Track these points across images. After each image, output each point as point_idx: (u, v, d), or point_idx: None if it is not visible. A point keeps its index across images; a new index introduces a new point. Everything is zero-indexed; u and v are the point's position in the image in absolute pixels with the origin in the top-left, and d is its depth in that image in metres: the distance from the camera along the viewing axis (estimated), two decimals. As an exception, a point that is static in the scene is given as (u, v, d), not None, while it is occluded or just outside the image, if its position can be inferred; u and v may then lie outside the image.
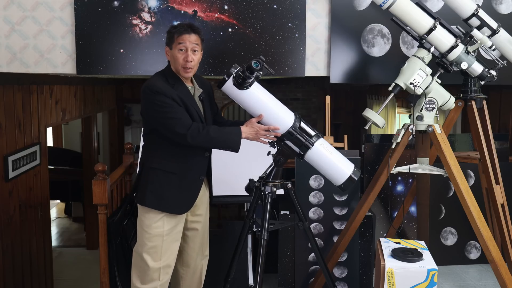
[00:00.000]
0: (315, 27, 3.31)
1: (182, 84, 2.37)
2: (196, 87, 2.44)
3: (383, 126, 2.65)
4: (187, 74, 2.35)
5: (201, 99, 2.43)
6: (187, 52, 2.31)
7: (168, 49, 2.39)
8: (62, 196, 7.97)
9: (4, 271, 3.94)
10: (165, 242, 2.40)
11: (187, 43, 2.31)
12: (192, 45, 2.32)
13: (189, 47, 2.32)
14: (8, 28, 3.11)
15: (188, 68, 2.33)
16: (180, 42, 2.31)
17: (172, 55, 2.36)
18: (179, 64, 2.33)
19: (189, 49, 2.32)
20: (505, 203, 2.99)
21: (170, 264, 2.46)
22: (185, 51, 2.32)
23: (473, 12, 2.86)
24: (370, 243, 3.23)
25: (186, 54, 2.31)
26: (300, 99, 9.62)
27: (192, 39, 2.32)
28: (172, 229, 2.41)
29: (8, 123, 4.00)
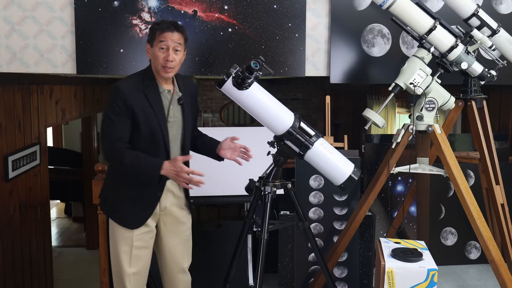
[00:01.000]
0: (315, 27, 3.31)
1: (156, 88, 2.27)
2: (176, 90, 2.33)
3: (383, 126, 2.65)
4: (166, 75, 2.25)
5: (181, 103, 2.33)
6: (168, 51, 2.21)
7: (149, 47, 2.27)
8: (62, 196, 7.97)
9: (4, 271, 3.94)
10: (134, 249, 2.31)
11: (169, 41, 2.20)
12: (174, 44, 2.22)
13: (170, 45, 2.21)
14: (8, 28, 3.11)
15: (168, 68, 2.22)
16: (162, 40, 2.20)
17: (152, 53, 2.24)
18: (159, 64, 2.22)
19: (170, 48, 2.21)
20: (505, 203, 2.99)
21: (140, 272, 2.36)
22: (166, 49, 2.21)
23: (473, 12, 2.86)
24: (370, 243, 3.23)
25: (167, 53, 2.21)
26: (300, 99, 9.62)
27: (175, 38, 2.22)
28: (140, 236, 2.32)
29: (8, 123, 4.00)
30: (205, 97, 9.66)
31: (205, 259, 3.21)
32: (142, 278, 2.40)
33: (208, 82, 9.29)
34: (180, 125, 2.35)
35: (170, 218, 2.42)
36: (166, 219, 2.41)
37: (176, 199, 2.42)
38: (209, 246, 3.21)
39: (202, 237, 3.23)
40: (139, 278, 2.37)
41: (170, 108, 2.30)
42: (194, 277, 2.60)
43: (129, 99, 2.20)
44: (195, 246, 2.63)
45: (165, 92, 2.30)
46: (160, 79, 2.29)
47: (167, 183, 2.35)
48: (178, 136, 2.35)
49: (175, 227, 2.44)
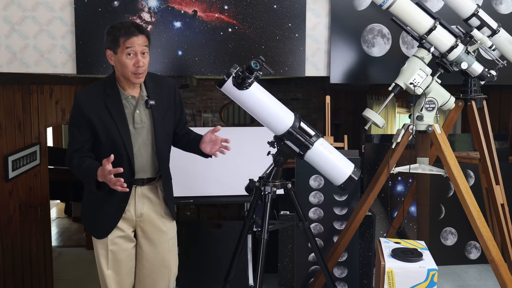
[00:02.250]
0: (315, 27, 3.31)
1: (118, 95, 2.19)
2: (143, 94, 2.24)
3: (383, 126, 2.65)
4: (138, 80, 2.17)
5: (149, 106, 2.23)
6: (137, 56, 2.12)
7: (111, 53, 2.15)
8: (62, 196, 7.96)
9: (4, 271, 3.94)
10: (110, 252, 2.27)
11: (136, 46, 2.11)
12: (141, 48, 2.13)
13: (138, 50, 2.12)
14: (8, 28, 3.11)
15: (139, 74, 2.14)
16: (128, 46, 2.10)
17: (118, 61, 2.13)
18: (129, 71, 2.13)
19: (138, 52, 2.12)
20: (505, 203, 2.99)
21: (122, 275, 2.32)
22: (134, 55, 2.12)
23: (473, 12, 2.86)
24: (370, 243, 3.23)
25: (137, 59, 2.12)
26: (300, 99, 9.63)
27: (141, 41, 2.12)
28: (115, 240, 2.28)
29: (8, 123, 4.00)
30: (205, 97, 9.66)
31: (205, 259, 3.21)
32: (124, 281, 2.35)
33: (208, 82, 9.28)
34: (150, 130, 2.25)
35: (149, 225, 2.34)
36: (144, 226, 2.34)
37: (154, 205, 2.34)
38: (209, 246, 3.21)
39: (202, 237, 3.23)
40: (121, 281, 2.33)
41: (136, 113, 2.22)
42: (195, 277, 2.60)
43: (86, 110, 2.16)
44: (195, 246, 2.62)
45: (129, 98, 2.22)
46: (125, 85, 2.22)
47: (142, 190, 2.30)
48: (149, 141, 2.26)
49: (154, 235, 2.35)
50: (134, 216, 2.31)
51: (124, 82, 2.21)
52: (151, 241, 2.36)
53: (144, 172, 2.28)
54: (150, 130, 2.25)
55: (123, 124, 2.19)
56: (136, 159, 2.24)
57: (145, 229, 2.34)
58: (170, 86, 2.35)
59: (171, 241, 2.40)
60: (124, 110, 2.20)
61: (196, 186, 3.08)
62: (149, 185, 2.32)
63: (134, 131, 2.22)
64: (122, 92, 2.22)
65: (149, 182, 2.32)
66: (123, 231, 2.30)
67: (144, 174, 2.29)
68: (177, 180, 2.83)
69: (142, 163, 2.26)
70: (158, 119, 2.25)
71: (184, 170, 2.95)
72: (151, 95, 2.26)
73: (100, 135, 2.19)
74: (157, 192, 2.35)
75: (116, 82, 2.22)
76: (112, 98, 2.19)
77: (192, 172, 3.03)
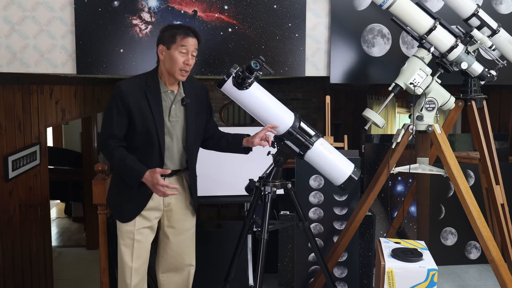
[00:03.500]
0: (315, 27, 3.31)
1: (158, 88, 2.34)
2: (180, 91, 2.40)
3: (383, 126, 2.65)
4: (183, 78, 2.33)
5: (184, 104, 2.38)
6: (188, 55, 2.29)
7: (164, 48, 2.32)
8: (62, 196, 7.97)
9: (4, 271, 3.94)
10: (136, 242, 2.38)
11: (189, 46, 2.29)
12: (192, 49, 2.31)
13: (190, 50, 2.30)
14: (8, 28, 3.11)
15: (185, 72, 2.31)
16: (184, 44, 2.28)
17: (170, 56, 2.30)
18: (178, 66, 2.29)
19: (190, 52, 2.30)
20: (505, 203, 2.99)
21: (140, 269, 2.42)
22: (186, 54, 2.29)
23: (473, 12, 2.86)
24: (370, 243, 3.23)
25: (188, 57, 2.29)
26: (300, 99, 9.62)
27: (194, 43, 2.31)
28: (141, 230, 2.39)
29: (8, 123, 4.00)
30: (205, 97, 9.64)
31: (205, 259, 3.21)
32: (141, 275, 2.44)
33: (208, 82, 9.27)
34: (182, 125, 2.39)
35: (174, 214, 2.46)
36: (170, 215, 2.46)
37: (181, 195, 2.46)
38: (209, 246, 3.21)
39: (202, 237, 3.23)
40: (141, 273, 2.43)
41: (172, 107, 2.35)
42: (194, 277, 2.60)
43: (127, 98, 2.28)
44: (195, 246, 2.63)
45: (168, 92, 2.36)
46: (166, 80, 2.36)
47: (171, 180, 2.40)
48: (180, 136, 2.39)
49: (178, 224, 2.48)
50: (162, 206, 2.42)
51: (166, 77, 2.35)
52: (176, 229, 2.48)
53: (173, 163, 2.40)
54: (183, 126, 2.39)
55: (159, 115, 2.32)
56: (167, 150, 2.36)
57: (171, 218, 2.46)
58: (204, 90, 2.52)
59: (191, 231, 2.55)
60: (162, 102, 2.34)
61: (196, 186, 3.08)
62: (176, 176, 2.44)
63: (169, 124, 2.35)
64: (163, 85, 2.36)
65: (175, 173, 2.43)
66: (149, 221, 2.40)
67: (172, 165, 2.39)
68: (177, 180, 2.82)
69: (172, 155, 2.38)
70: (191, 116, 2.39)
71: (184, 170, 2.94)
72: (187, 94, 2.40)
73: (136, 123, 2.30)
74: (183, 182, 2.47)
75: (158, 76, 2.36)
76: (152, 90, 2.33)
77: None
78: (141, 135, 2.32)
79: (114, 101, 2.30)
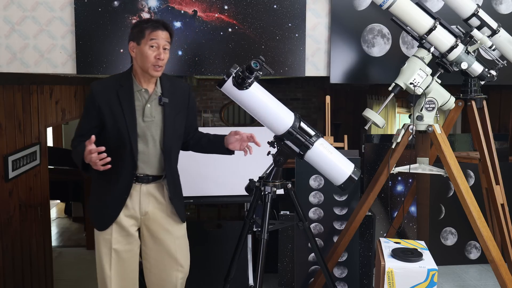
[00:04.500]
0: (315, 27, 3.31)
1: (131, 87, 2.25)
2: (157, 90, 2.30)
3: (383, 126, 2.65)
4: (157, 73, 2.24)
5: (162, 104, 2.28)
6: (159, 49, 2.21)
7: (134, 45, 2.24)
8: (62, 196, 7.96)
9: (4, 271, 3.94)
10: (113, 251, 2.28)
11: (160, 40, 2.21)
12: (164, 43, 2.22)
13: (161, 44, 2.21)
14: (8, 28, 3.11)
15: (159, 67, 2.23)
16: (153, 38, 2.20)
17: (140, 52, 2.22)
18: (149, 62, 2.21)
19: (161, 46, 2.21)
20: (505, 203, 2.99)
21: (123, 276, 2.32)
22: (156, 48, 2.21)
23: (473, 12, 2.86)
24: (370, 243, 3.23)
25: (158, 52, 2.21)
26: (300, 99, 9.63)
27: (165, 36, 2.23)
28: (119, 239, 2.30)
29: (8, 123, 4.00)
30: (205, 97, 9.66)
31: (205, 259, 3.21)
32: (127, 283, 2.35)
33: (208, 82, 9.29)
34: (159, 126, 2.29)
35: (154, 224, 2.35)
36: (150, 225, 2.35)
37: (160, 204, 2.35)
38: (209, 246, 3.22)
39: (202, 237, 3.23)
40: (122, 282, 2.33)
41: (146, 107, 2.27)
42: (194, 277, 2.60)
43: (97, 98, 2.24)
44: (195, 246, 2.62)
45: (142, 91, 2.27)
46: (141, 78, 2.28)
47: (148, 188, 2.31)
48: (157, 137, 2.29)
49: (160, 234, 2.36)
50: (139, 214, 2.32)
51: (140, 75, 2.27)
52: (157, 240, 2.36)
53: (150, 167, 2.30)
54: (160, 126, 2.29)
55: (131, 115, 2.24)
56: (142, 152, 2.27)
57: (150, 228, 2.35)
58: (185, 90, 2.41)
59: (177, 241, 2.40)
60: (134, 101, 2.26)
61: (196, 186, 3.08)
62: (155, 183, 2.34)
63: (143, 124, 2.26)
64: (136, 84, 2.28)
65: (155, 180, 2.33)
66: (126, 229, 2.31)
67: (149, 170, 2.30)
68: (177, 180, 2.82)
69: (148, 158, 2.29)
70: (169, 117, 2.30)
71: (184, 170, 2.94)
72: (165, 93, 2.31)
73: (107, 123, 2.24)
74: (163, 191, 2.36)
75: (131, 75, 2.29)
76: (125, 89, 2.26)
77: (192, 172, 3.03)
78: (113, 137, 2.23)
79: (86, 102, 2.28)
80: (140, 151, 2.26)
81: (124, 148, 2.23)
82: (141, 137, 2.26)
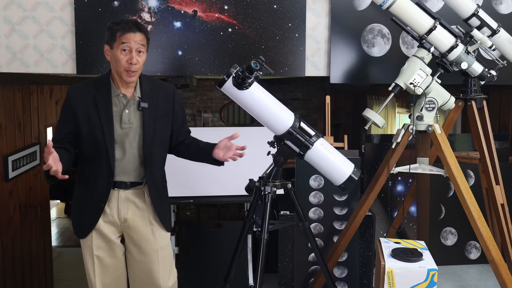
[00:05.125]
0: (315, 27, 3.31)
1: (109, 92, 2.15)
2: (136, 95, 2.19)
3: (383, 126, 2.65)
4: (130, 79, 2.12)
5: (141, 109, 2.17)
6: (132, 53, 2.09)
7: (107, 48, 2.14)
8: (62, 196, 7.96)
9: (4, 271, 3.94)
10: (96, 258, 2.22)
11: (131, 43, 2.08)
12: (137, 45, 2.10)
13: (133, 47, 2.09)
14: (8, 28, 3.11)
15: (131, 72, 2.10)
16: (124, 41, 2.07)
17: (113, 56, 2.11)
18: (121, 67, 2.09)
19: (133, 49, 2.09)
20: (505, 203, 2.99)
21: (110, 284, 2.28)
22: (128, 51, 2.09)
23: (473, 12, 2.86)
24: (370, 243, 3.23)
25: (130, 56, 2.08)
26: (300, 99, 9.63)
27: (137, 39, 2.09)
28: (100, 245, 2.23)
29: (8, 123, 4.00)
30: (205, 97, 9.66)
31: (205, 259, 3.21)
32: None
33: (208, 82, 9.28)
34: (138, 132, 2.19)
35: (134, 232, 2.26)
36: (130, 232, 2.27)
37: (140, 211, 2.26)
38: (209, 246, 3.21)
39: (202, 237, 3.23)
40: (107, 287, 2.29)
41: (124, 112, 2.17)
42: (194, 277, 2.60)
43: (73, 102, 2.15)
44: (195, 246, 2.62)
45: (119, 96, 2.18)
46: (119, 83, 2.18)
47: (126, 194, 2.23)
48: (135, 144, 2.20)
49: (143, 243, 2.27)
50: (118, 221, 2.24)
51: (118, 80, 2.17)
52: (140, 248, 2.28)
53: (127, 175, 2.21)
54: (139, 133, 2.19)
55: (108, 122, 2.14)
56: (120, 160, 2.18)
57: (131, 235, 2.27)
58: (169, 92, 2.29)
59: (160, 252, 2.28)
60: (112, 107, 2.16)
61: (196, 186, 3.08)
62: (134, 189, 2.25)
63: (121, 131, 2.17)
64: (114, 89, 2.18)
65: (134, 186, 2.24)
66: (106, 235, 2.24)
67: (127, 178, 2.21)
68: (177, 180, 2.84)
69: (125, 165, 2.19)
70: (148, 122, 2.19)
71: (184, 170, 2.94)
72: (145, 97, 2.20)
73: (82, 130, 2.15)
74: (143, 197, 2.26)
75: (110, 79, 2.19)
76: (102, 95, 2.15)
77: (192, 172, 3.03)
78: (89, 143, 2.15)
79: (63, 107, 2.19)
80: (117, 158, 2.17)
81: (101, 155, 2.14)
82: (119, 144, 2.16)
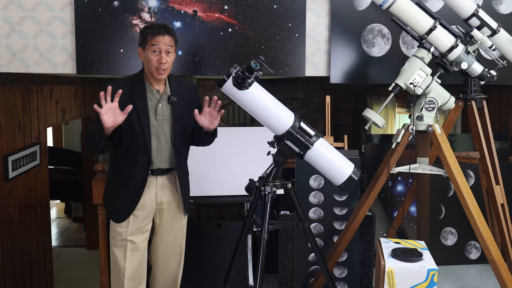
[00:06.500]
0: (315, 27, 3.31)
1: (144, 88, 2.40)
2: (167, 90, 2.45)
3: (383, 126, 2.65)
4: (160, 76, 2.38)
5: (171, 102, 2.43)
6: (161, 54, 2.34)
7: (141, 50, 2.41)
8: (62, 196, 7.96)
9: (4, 271, 3.94)
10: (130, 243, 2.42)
11: (161, 44, 2.34)
12: (166, 47, 2.35)
13: (162, 48, 2.35)
14: (8, 28, 3.11)
15: (161, 70, 2.36)
16: (154, 43, 2.34)
17: (145, 57, 2.38)
18: (153, 66, 2.35)
19: (162, 50, 2.35)
20: (505, 203, 2.99)
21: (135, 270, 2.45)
22: (158, 52, 2.35)
23: (473, 12, 2.86)
24: (370, 243, 3.23)
25: (160, 56, 2.34)
26: (300, 99, 9.62)
27: (166, 41, 2.35)
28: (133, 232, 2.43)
29: (8, 123, 4.00)
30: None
31: (205, 259, 3.21)
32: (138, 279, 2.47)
33: (208, 82, 9.28)
34: (169, 123, 2.44)
35: (167, 213, 2.50)
36: (163, 213, 2.50)
37: (173, 194, 2.50)
38: (209, 246, 3.21)
39: (202, 237, 3.23)
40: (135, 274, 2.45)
41: (158, 106, 2.41)
42: (194, 277, 2.60)
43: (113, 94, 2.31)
44: (195, 246, 2.63)
45: (154, 92, 2.42)
46: (152, 80, 2.42)
47: (162, 179, 2.46)
48: (168, 134, 2.44)
49: (171, 222, 2.52)
50: (155, 204, 2.46)
51: (150, 77, 2.41)
52: (168, 227, 2.52)
53: (162, 162, 2.45)
54: (170, 124, 2.44)
55: (144, 115, 2.37)
56: (156, 149, 2.41)
57: (163, 216, 2.50)
58: (192, 89, 2.56)
59: (181, 232, 2.58)
60: (147, 102, 2.40)
61: (196, 186, 3.08)
62: (168, 175, 2.48)
63: (156, 123, 2.41)
64: (148, 85, 2.42)
65: (168, 172, 2.48)
66: (141, 222, 2.44)
67: (162, 164, 2.45)
68: (177, 180, 2.81)
69: (162, 154, 2.43)
70: (177, 114, 2.44)
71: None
72: (173, 92, 2.45)
73: (122, 123, 2.31)
74: (175, 182, 2.50)
75: (143, 77, 2.43)
76: (137, 91, 2.39)
77: (192, 172, 3.03)
78: (127, 135, 2.37)
79: None
80: (154, 148, 2.40)
81: (139, 145, 2.37)
82: (154, 135, 2.40)
